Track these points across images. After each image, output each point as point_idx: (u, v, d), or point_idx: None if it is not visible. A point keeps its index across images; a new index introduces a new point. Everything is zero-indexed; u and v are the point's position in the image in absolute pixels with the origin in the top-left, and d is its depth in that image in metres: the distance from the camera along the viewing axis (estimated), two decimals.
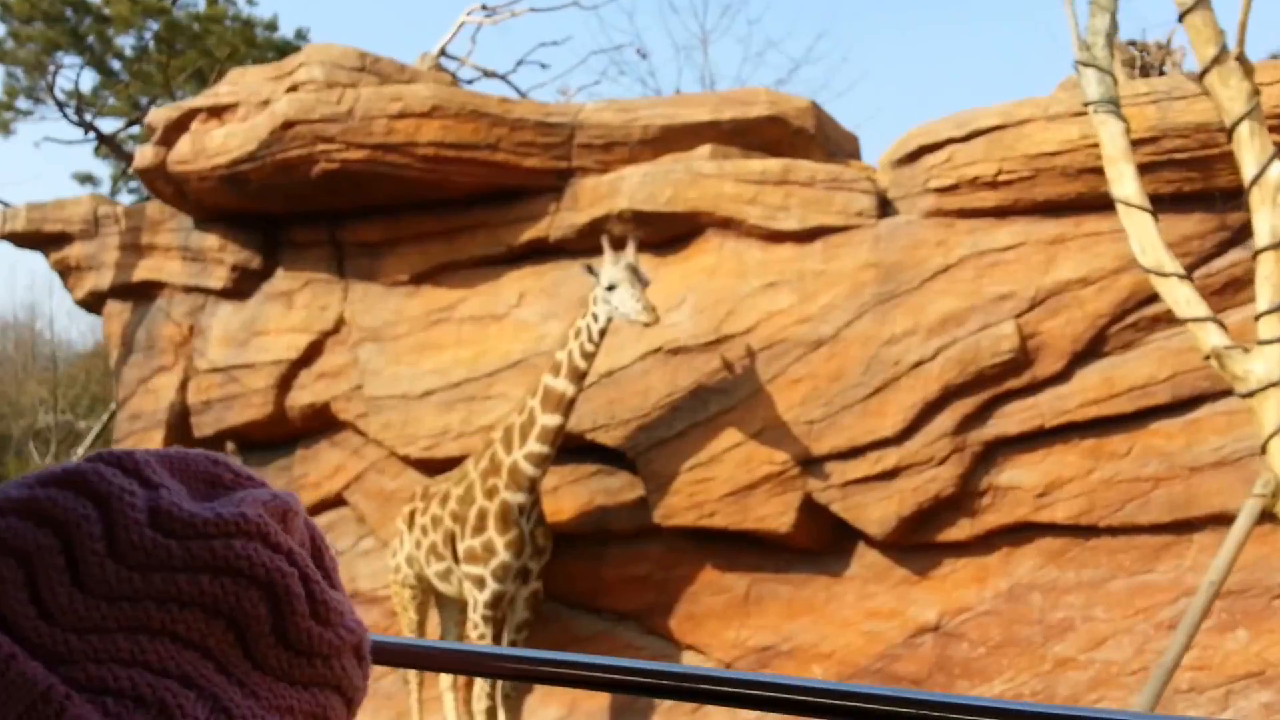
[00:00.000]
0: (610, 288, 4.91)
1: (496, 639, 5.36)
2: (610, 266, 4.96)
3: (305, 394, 6.71)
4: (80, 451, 12.34)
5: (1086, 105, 3.99)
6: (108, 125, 12.56)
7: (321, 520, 6.78)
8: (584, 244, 6.07)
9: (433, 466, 6.22)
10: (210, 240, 7.04)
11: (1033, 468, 4.97)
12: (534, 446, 5.23)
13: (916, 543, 5.22)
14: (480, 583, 5.29)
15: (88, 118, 11.66)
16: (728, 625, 5.66)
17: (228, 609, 0.45)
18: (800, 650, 5.49)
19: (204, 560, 0.45)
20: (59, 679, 0.41)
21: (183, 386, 7.00)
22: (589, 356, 5.14)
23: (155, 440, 6.94)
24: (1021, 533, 5.07)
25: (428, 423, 6.22)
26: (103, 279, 7.48)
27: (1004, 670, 5.08)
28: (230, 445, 7.02)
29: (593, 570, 5.87)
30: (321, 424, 6.75)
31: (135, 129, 13.15)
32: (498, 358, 6.17)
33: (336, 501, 6.74)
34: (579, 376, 5.16)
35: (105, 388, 23.25)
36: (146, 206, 7.36)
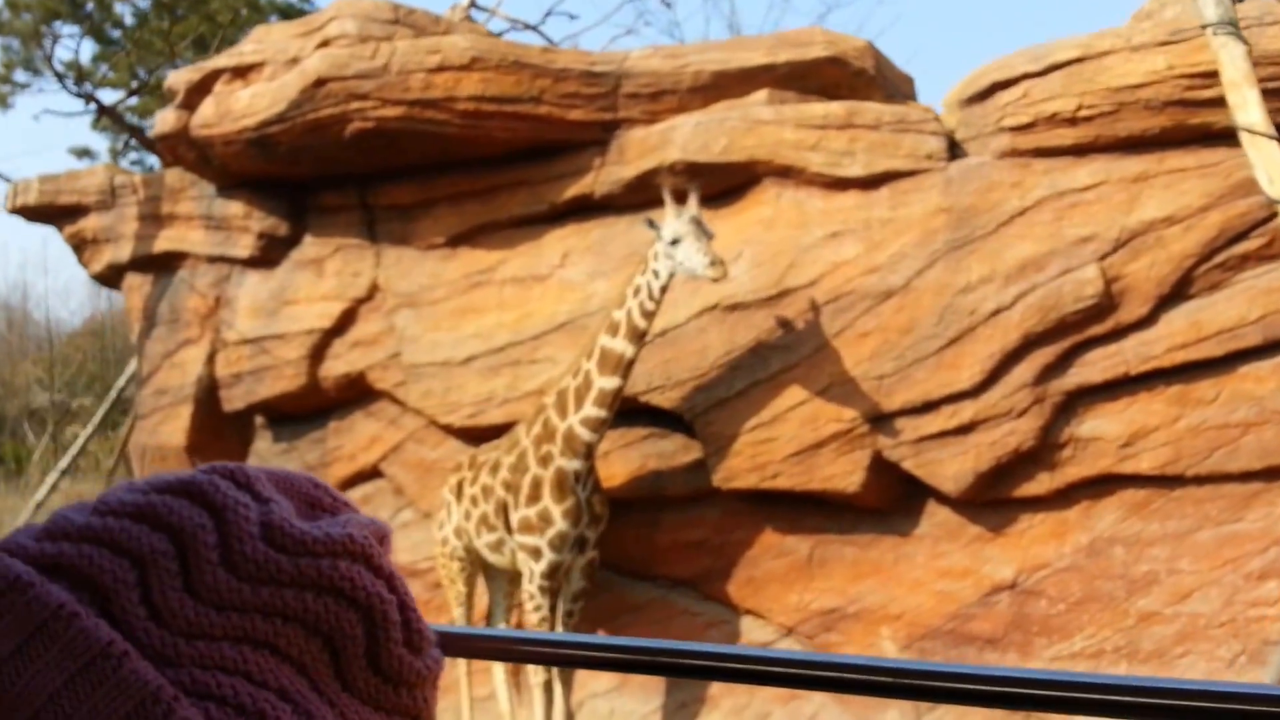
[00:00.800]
0: (674, 242, 4.68)
1: (552, 610, 5.17)
2: (673, 220, 4.72)
3: (339, 364, 6.48)
4: (87, 431, 12.09)
5: (1204, 28, 3.77)
6: (108, 97, 12.22)
7: (357, 493, 6.57)
8: (631, 199, 5.83)
9: (477, 435, 6.01)
10: (234, 208, 6.78)
11: (1116, 417, 4.78)
12: (591, 411, 5.03)
13: (991, 499, 5.03)
14: (536, 553, 5.09)
15: (87, 89, 11.30)
16: (789, 589, 5.49)
17: (327, 628, 0.46)
18: (867, 612, 5.32)
19: (310, 578, 0.46)
20: (168, 681, 0.41)
21: (210, 359, 6.76)
22: (649, 315, 4.92)
23: (182, 416, 6.72)
24: (1102, 485, 4.89)
25: (471, 389, 6.00)
26: (121, 251, 7.22)
27: (1084, 626, 4.92)
28: (260, 419, 6.80)
29: (646, 536, 5.68)
30: (356, 394, 6.53)
31: (135, 100, 12.81)
32: (543, 320, 5.95)
33: (373, 473, 6.53)
34: (639, 336, 4.95)
35: (102, 366, 23.03)
36: (166, 174, 7.08)
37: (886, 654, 5.30)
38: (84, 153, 15.24)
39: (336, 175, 6.51)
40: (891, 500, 5.24)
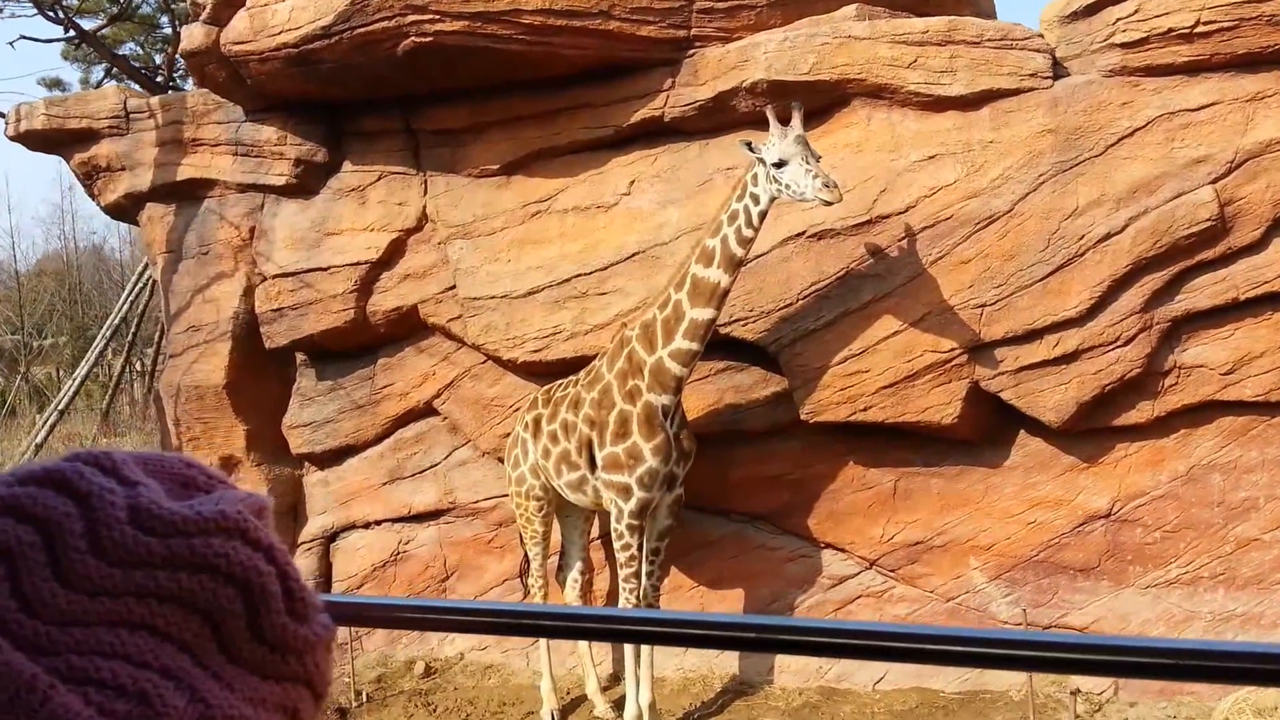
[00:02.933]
0: (779, 164, 4.44)
1: (640, 549, 5.04)
2: (777, 140, 4.47)
3: (389, 298, 6.18)
4: (81, 371, 11.62)
5: None
6: (88, 26, 11.44)
7: (410, 431, 6.34)
8: (704, 123, 5.56)
9: (541, 370, 5.79)
10: (267, 132, 6.37)
11: (1221, 343, 4.71)
12: (681, 343, 4.83)
13: (1086, 428, 4.96)
14: (625, 491, 4.93)
15: (67, 12, 10.58)
16: (873, 522, 5.41)
17: (205, 605, 0.46)
18: (955, 544, 5.26)
19: (183, 557, 0.46)
20: (42, 669, 0.42)
21: (247, 293, 6.41)
22: (747, 243, 4.70)
23: (220, 353, 6.39)
24: (1202, 412, 4.84)
25: (535, 323, 5.76)
26: (140, 180, 6.78)
27: (1181, 554, 4.91)
28: (301, 356, 6.50)
29: (721, 471, 5.55)
30: (407, 330, 6.26)
31: (111, 29, 12.05)
32: (610, 250, 5.69)
33: (426, 411, 6.30)
34: (735, 265, 4.73)
35: (71, 305, 22.19)
36: (187, 97, 6.62)
37: (975, 584, 5.27)
38: (55, 83, 14.40)
39: (379, 98, 6.13)
40: (981, 431, 5.14)
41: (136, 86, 11.13)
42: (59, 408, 11.37)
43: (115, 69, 12.02)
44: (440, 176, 6.19)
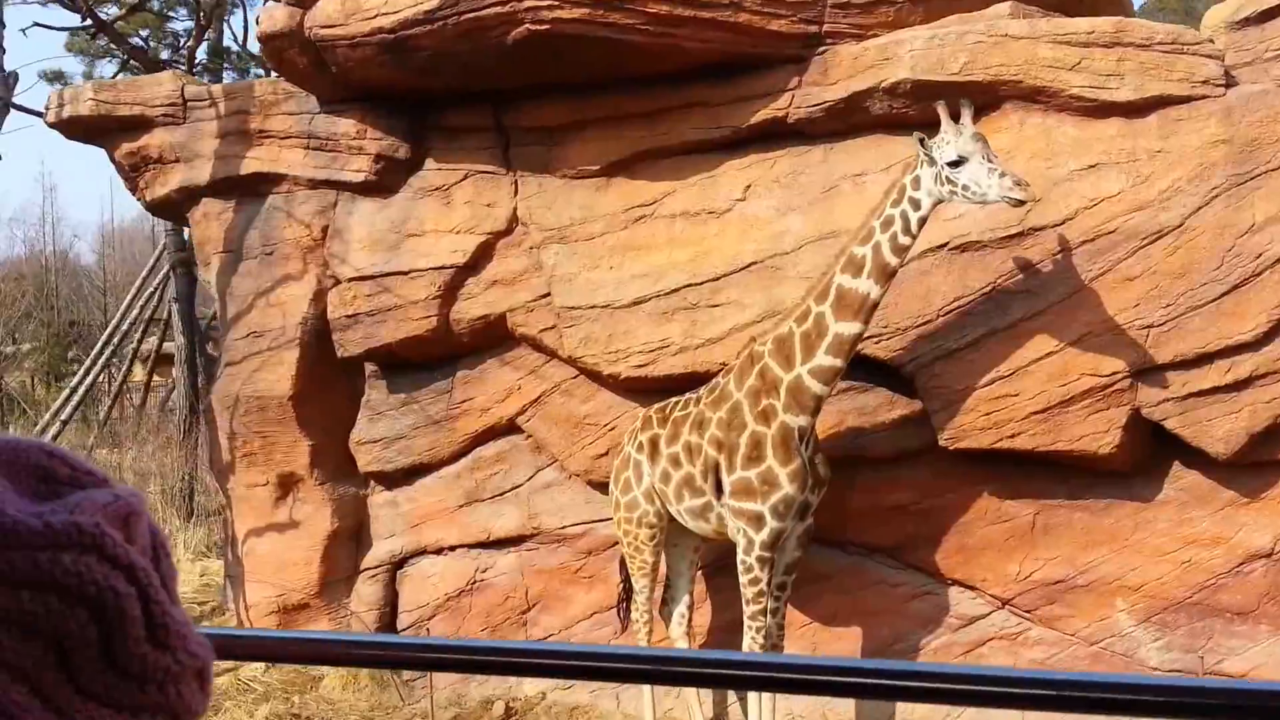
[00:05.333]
0: (956, 162, 4.08)
1: (769, 583, 4.62)
2: (954, 137, 4.12)
3: (475, 305, 5.74)
4: (85, 380, 10.99)
5: None
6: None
7: (489, 450, 5.88)
8: (831, 125, 5.21)
9: (646, 387, 5.37)
10: (344, 125, 5.94)
11: None
12: (824, 360, 4.44)
13: (1249, 461, 4.62)
14: (757, 520, 4.51)
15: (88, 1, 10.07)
16: (1008, 558, 5.03)
17: (50, 629, 0.42)
18: (1100, 584, 4.89)
19: (26, 574, 0.42)
20: None
21: (316, 298, 5.94)
22: (903, 251, 4.34)
23: (286, 362, 5.91)
24: None
25: (641, 335, 5.35)
26: (196, 173, 6.31)
27: None
28: (371, 367, 6.03)
29: (840, 499, 5.14)
30: (491, 340, 5.82)
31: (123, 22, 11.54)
32: (723, 260, 5.31)
33: (508, 429, 5.85)
34: (887, 275, 4.37)
35: (47, 311, 21.39)
36: (254, 85, 6.19)
37: (1122, 627, 4.89)
38: (57, 75, 13.83)
39: (469, 91, 5.73)
40: (1134, 462, 4.79)
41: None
42: (61, 418, 10.74)
43: (132, 60, 11.49)
44: (532, 177, 5.79)
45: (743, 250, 5.28)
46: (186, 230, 12.89)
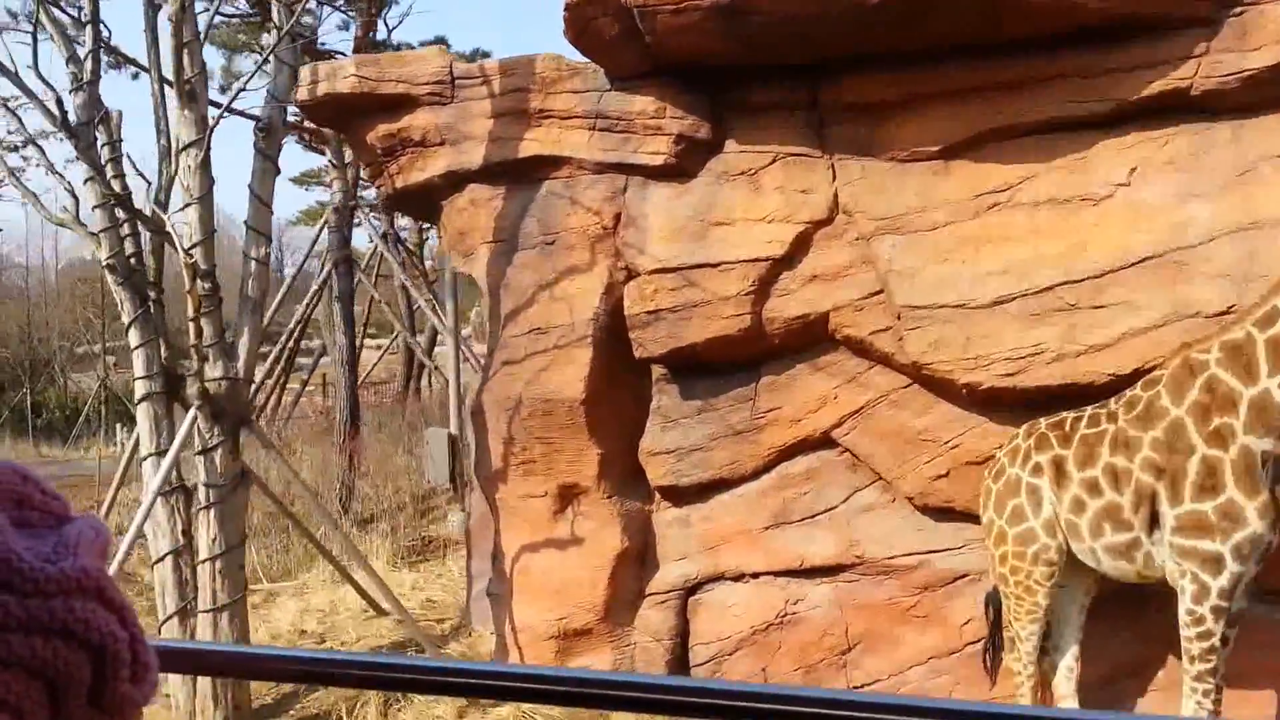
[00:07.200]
0: None
1: (1223, 639, 3.86)
2: None
3: (792, 302, 5.10)
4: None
5: None
6: None
7: (797, 465, 5.23)
8: (1245, 97, 4.46)
9: (1010, 399, 4.67)
10: (640, 103, 5.36)
11: None
12: None
13: None
14: (1215, 563, 3.76)
15: None
16: None
17: (51, 672, 0.44)
18: None
19: (41, 621, 0.43)
20: None
21: (609, 291, 5.37)
22: None
23: (578, 361, 5.35)
24: None
25: (1007, 340, 4.64)
26: (466, 156, 5.80)
27: None
28: (659, 370, 5.43)
29: None
30: (804, 342, 5.17)
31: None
32: (1106, 253, 4.58)
33: (821, 442, 5.20)
34: None
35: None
36: (535, 60, 5.65)
37: None
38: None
39: (783, 66, 5.11)
40: None
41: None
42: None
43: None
44: (853, 160, 5.14)
45: (1132, 243, 4.55)
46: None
